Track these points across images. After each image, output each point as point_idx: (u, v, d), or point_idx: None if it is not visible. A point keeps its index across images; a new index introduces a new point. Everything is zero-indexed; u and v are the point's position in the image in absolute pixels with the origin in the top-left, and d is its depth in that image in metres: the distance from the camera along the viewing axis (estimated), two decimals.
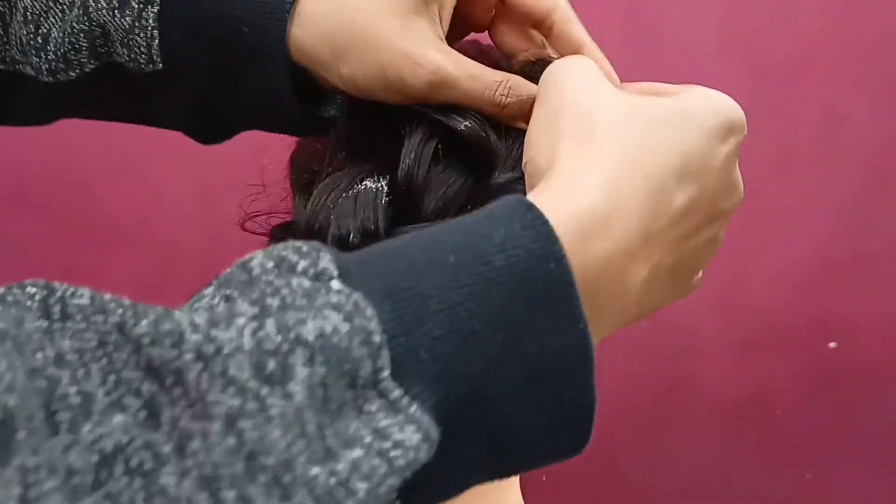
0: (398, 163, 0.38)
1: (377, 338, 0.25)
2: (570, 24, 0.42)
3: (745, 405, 1.15)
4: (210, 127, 0.44)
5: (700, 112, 0.35)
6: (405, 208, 0.37)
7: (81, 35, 0.40)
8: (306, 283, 0.25)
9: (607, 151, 0.31)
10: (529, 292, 0.27)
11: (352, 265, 0.27)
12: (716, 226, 0.37)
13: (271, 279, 0.26)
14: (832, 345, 1.14)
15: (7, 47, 0.41)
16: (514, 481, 0.49)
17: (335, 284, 0.26)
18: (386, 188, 0.37)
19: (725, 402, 1.15)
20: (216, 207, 0.98)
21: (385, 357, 0.25)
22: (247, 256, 0.27)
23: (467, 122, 0.38)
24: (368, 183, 0.37)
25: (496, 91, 0.38)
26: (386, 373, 0.25)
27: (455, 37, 0.42)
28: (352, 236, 0.36)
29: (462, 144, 0.38)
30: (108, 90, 0.42)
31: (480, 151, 0.38)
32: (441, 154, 0.38)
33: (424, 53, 0.37)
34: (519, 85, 0.39)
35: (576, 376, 0.28)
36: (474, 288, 0.26)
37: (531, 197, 0.30)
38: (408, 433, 0.25)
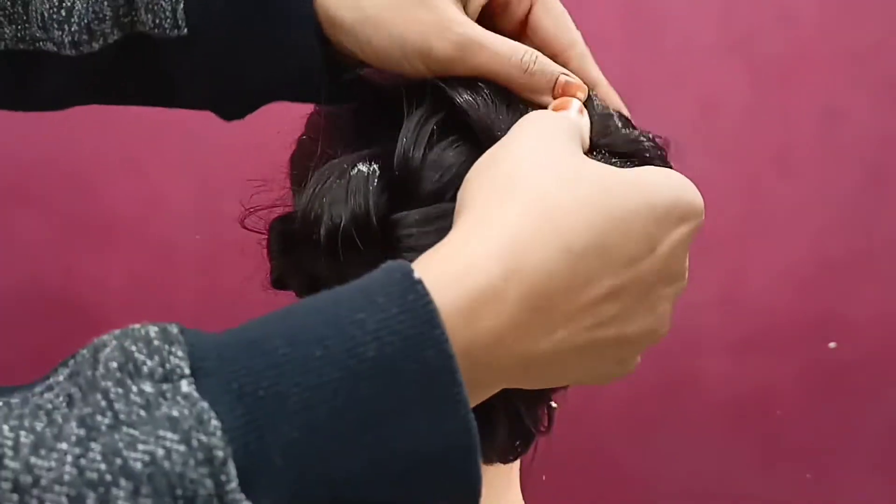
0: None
1: (220, 453, 0.23)
2: (586, 61, 0.42)
3: (745, 405, 1.15)
4: (233, 98, 0.43)
5: (654, 189, 0.31)
6: (402, 193, 0.36)
7: (105, 3, 0.39)
8: (150, 388, 0.24)
9: (521, 213, 0.28)
10: (404, 384, 0.25)
11: (208, 358, 0.25)
12: (651, 312, 0.32)
13: (111, 385, 0.24)
14: (832, 345, 1.14)
15: (27, 25, 0.40)
16: (513, 480, 0.49)
17: (183, 387, 0.24)
18: (378, 171, 0.36)
19: (725, 402, 1.14)
20: (216, 206, 0.98)
21: (230, 471, 0.23)
22: (102, 338, 0.26)
23: (469, 96, 0.37)
24: (361, 167, 0.36)
25: (523, 56, 0.37)
26: (232, 485, 0.23)
27: None
28: (343, 223, 0.35)
29: (464, 126, 0.37)
30: (128, 67, 0.42)
31: (483, 130, 0.37)
32: (441, 135, 0.37)
33: (454, 17, 0.37)
34: (545, 60, 0.38)
35: (458, 465, 0.26)
36: (341, 384, 0.24)
37: (426, 257, 0.28)
38: None
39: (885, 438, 1.17)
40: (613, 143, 0.39)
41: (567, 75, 0.38)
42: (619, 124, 0.41)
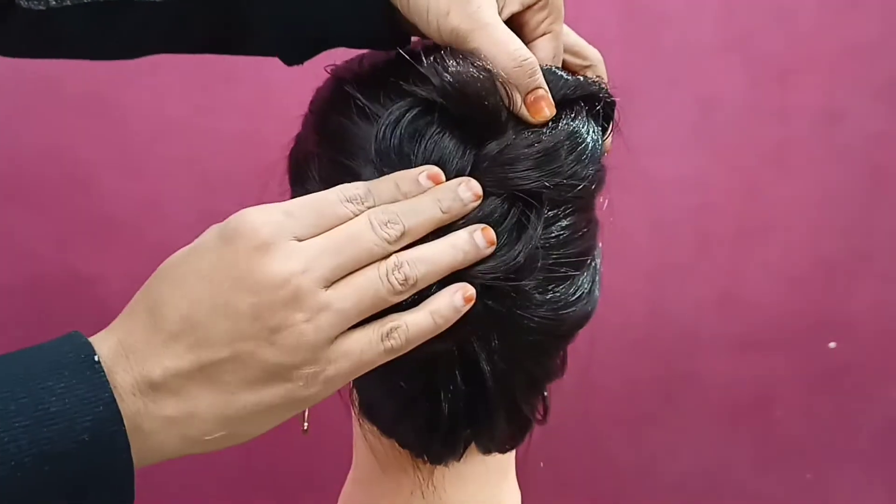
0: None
1: None
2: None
3: (743, 404, 1.15)
4: (298, 40, 0.45)
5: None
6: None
7: None
8: None
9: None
10: (79, 428, 0.31)
11: None
12: (234, 359, 0.35)
13: None
14: (832, 345, 1.14)
15: None
16: (509, 470, 0.49)
17: None
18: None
19: (724, 401, 1.15)
20: (215, 204, 0.98)
21: None
22: None
23: (473, 70, 0.38)
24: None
25: (517, 50, 0.40)
26: None
27: None
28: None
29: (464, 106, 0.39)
30: (208, 8, 0.43)
31: (484, 107, 0.39)
32: (433, 121, 0.39)
33: (480, 1, 0.40)
34: (535, 68, 0.40)
35: (119, 486, 0.33)
36: (29, 428, 0.31)
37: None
38: None
39: (885, 438, 1.17)
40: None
41: (547, 92, 0.41)
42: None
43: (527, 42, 0.44)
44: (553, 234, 0.40)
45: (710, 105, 1.08)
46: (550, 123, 0.40)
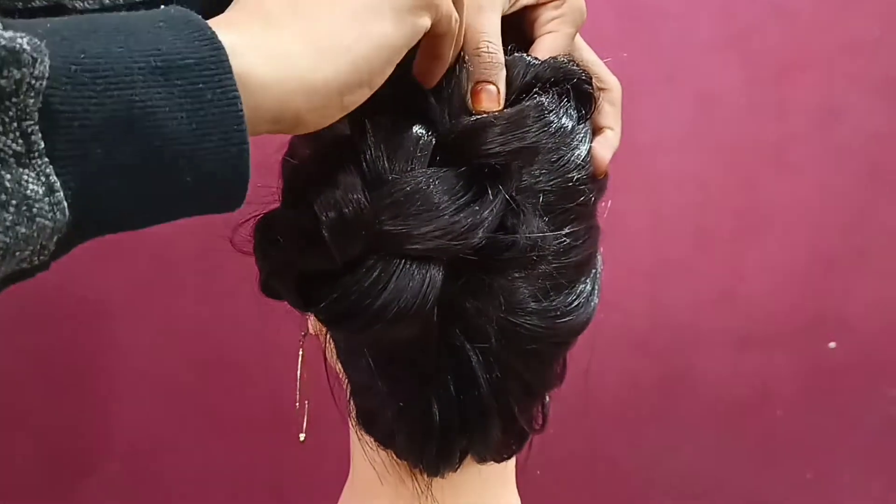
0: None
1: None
2: (611, 105, 0.45)
3: (744, 403, 1.15)
4: None
5: None
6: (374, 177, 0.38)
7: None
8: None
9: None
10: (171, 19, 0.29)
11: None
12: None
13: None
14: (832, 345, 1.14)
15: None
16: (508, 478, 0.49)
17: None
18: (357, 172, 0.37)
19: (724, 400, 1.15)
20: None
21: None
22: None
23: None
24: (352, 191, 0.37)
25: (485, 39, 0.39)
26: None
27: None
28: (349, 215, 0.37)
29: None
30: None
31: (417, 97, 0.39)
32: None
33: None
34: (498, 67, 0.39)
35: (213, 77, 0.30)
36: (129, 18, 0.29)
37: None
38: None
39: (884, 437, 1.17)
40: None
41: (499, 92, 0.40)
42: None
43: (531, 38, 0.44)
44: (552, 243, 0.39)
45: (709, 102, 1.08)
46: (518, 99, 0.40)
